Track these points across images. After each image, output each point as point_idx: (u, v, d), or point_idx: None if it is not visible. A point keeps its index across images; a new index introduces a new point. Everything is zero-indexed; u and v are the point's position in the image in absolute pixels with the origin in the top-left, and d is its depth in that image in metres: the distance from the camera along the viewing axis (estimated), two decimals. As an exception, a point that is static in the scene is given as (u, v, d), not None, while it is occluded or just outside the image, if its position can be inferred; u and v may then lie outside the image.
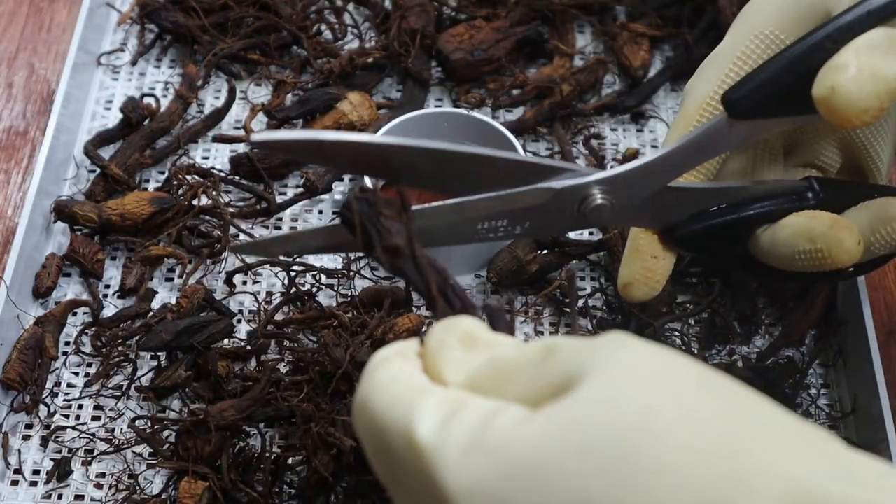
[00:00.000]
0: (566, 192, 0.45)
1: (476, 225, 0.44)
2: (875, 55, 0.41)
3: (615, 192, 0.45)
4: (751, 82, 0.44)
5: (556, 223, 0.46)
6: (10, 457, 0.56)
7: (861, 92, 0.40)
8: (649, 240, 0.49)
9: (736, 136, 0.46)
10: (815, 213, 0.47)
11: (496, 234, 0.45)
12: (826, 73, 0.41)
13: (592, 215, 0.45)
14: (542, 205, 0.45)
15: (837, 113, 0.40)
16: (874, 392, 0.56)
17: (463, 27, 0.72)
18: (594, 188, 0.45)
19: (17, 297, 0.60)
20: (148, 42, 0.74)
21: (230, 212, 0.64)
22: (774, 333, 0.61)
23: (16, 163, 0.69)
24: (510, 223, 0.45)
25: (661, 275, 0.50)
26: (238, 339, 0.59)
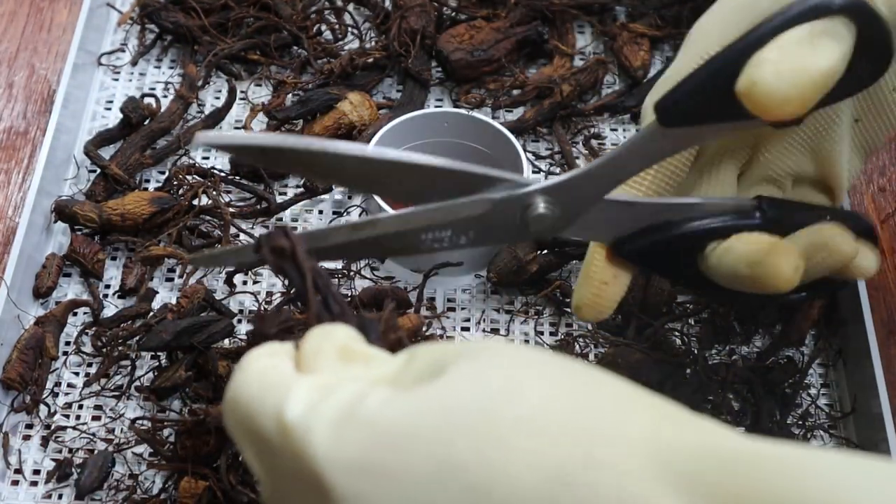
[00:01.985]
0: (506, 202, 0.45)
1: (420, 235, 0.45)
2: (796, 48, 0.41)
3: (557, 202, 0.46)
4: (679, 90, 0.45)
5: (500, 233, 0.46)
6: (11, 457, 0.56)
7: (780, 83, 0.40)
8: (601, 266, 0.50)
9: (669, 143, 0.46)
10: (756, 238, 0.47)
11: (441, 244, 0.46)
12: (748, 68, 0.41)
13: (534, 224, 0.46)
14: (483, 215, 0.45)
15: (759, 105, 0.40)
16: (874, 392, 0.56)
17: (463, 27, 0.72)
18: (535, 197, 0.45)
19: (18, 297, 0.60)
20: (148, 42, 0.74)
21: (230, 212, 0.64)
22: (774, 333, 0.61)
23: (16, 163, 0.69)
24: (454, 233, 0.45)
25: (610, 300, 0.50)
26: (238, 339, 0.59)
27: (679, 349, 0.60)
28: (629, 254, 0.49)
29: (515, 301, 0.62)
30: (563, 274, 0.63)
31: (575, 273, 0.63)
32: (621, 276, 0.50)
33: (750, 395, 0.58)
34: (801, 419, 0.58)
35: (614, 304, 0.50)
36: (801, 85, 0.40)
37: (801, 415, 0.58)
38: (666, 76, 0.49)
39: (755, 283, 0.46)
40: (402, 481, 0.30)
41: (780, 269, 0.45)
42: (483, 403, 0.31)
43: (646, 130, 0.46)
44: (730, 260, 0.47)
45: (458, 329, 0.61)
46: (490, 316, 0.62)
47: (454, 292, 0.63)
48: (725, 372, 0.58)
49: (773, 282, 0.46)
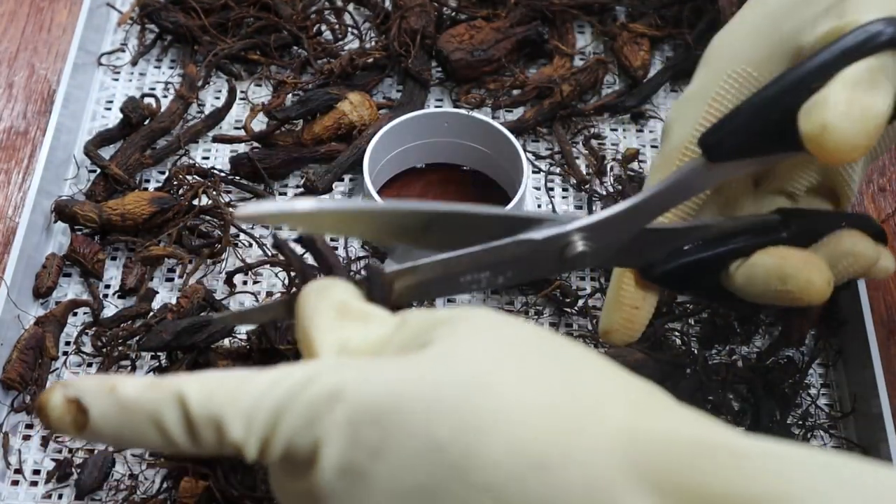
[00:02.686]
0: (547, 243, 0.45)
1: (459, 278, 0.45)
2: (861, 90, 0.40)
3: (595, 238, 0.46)
4: (728, 125, 0.44)
5: (539, 270, 0.46)
6: (11, 457, 0.56)
7: (853, 129, 0.39)
8: (631, 290, 0.50)
9: (715, 176, 0.46)
10: (785, 252, 0.47)
11: (479, 284, 0.45)
12: (814, 110, 0.40)
13: (574, 261, 0.46)
14: (523, 256, 0.45)
15: (828, 150, 0.40)
16: (874, 392, 0.56)
17: (463, 27, 0.72)
18: (575, 235, 0.45)
19: (18, 297, 0.60)
20: (148, 42, 0.74)
21: (230, 212, 0.64)
22: (774, 333, 0.61)
23: (16, 163, 0.69)
24: (493, 274, 0.45)
25: (640, 324, 0.50)
26: (238, 338, 0.59)
27: (679, 349, 0.60)
28: (658, 278, 0.49)
29: (515, 301, 0.62)
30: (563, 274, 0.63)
31: (575, 273, 0.63)
32: (650, 299, 0.50)
33: (750, 395, 0.58)
34: (801, 419, 0.58)
35: (643, 328, 0.50)
36: (868, 130, 0.40)
37: (801, 415, 0.58)
38: (691, 94, 0.48)
39: (787, 298, 0.46)
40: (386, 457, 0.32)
41: (813, 284, 0.45)
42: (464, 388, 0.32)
43: (691, 165, 0.46)
44: (759, 276, 0.47)
45: (458, 329, 0.61)
46: (490, 316, 0.62)
47: (454, 292, 0.63)
48: (725, 372, 0.58)
49: (807, 296, 0.46)
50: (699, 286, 0.50)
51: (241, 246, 0.64)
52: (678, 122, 0.48)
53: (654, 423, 0.32)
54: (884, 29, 0.41)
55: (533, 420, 0.32)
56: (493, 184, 0.67)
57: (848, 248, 0.47)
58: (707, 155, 0.45)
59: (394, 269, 0.42)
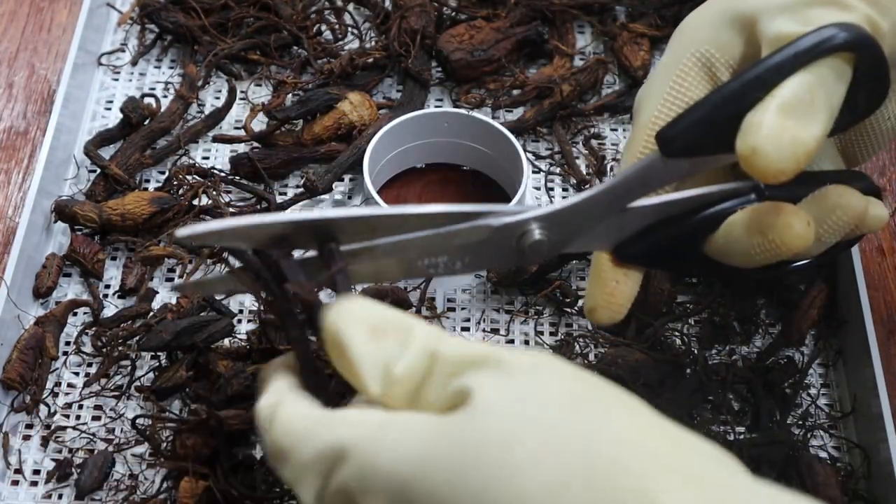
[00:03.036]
0: (504, 229, 0.45)
1: (416, 262, 0.45)
2: (794, 117, 0.42)
3: (553, 228, 0.46)
4: (683, 121, 0.45)
5: (495, 258, 0.47)
6: (11, 457, 0.56)
7: (780, 155, 0.41)
8: (610, 266, 0.50)
9: (673, 171, 0.46)
10: (758, 206, 0.47)
11: (436, 269, 0.46)
12: (748, 133, 0.42)
13: (531, 250, 0.46)
14: (479, 242, 0.45)
15: (757, 172, 0.42)
16: (874, 392, 0.56)
17: (463, 27, 0.72)
18: (532, 224, 0.46)
19: (18, 297, 0.60)
20: (148, 42, 0.74)
21: (230, 212, 0.64)
22: (774, 333, 0.61)
23: (16, 163, 0.69)
24: (450, 259, 0.46)
25: (623, 298, 0.50)
26: (238, 338, 0.59)
27: (679, 349, 0.60)
28: (633, 257, 0.49)
29: (515, 301, 0.62)
30: (563, 274, 0.63)
31: (575, 273, 0.63)
32: (632, 275, 0.50)
33: (750, 395, 0.58)
34: (801, 419, 0.58)
35: (629, 304, 0.50)
36: (797, 156, 0.42)
37: (801, 415, 0.58)
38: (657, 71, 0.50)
39: (770, 250, 0.46)
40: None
41: (794, 228, 0.45)
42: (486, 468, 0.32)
43: (647, 160, 0.46)
44: (739, 234, 0.47)
45: (459, 329, 0.61)
46: (490, 316, 0.62)
47: (454, 292, 0.63)
48: (725, 372, 0.58)
49: (789, 242, 0.45)
50: (677, 261, 0.50)
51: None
52: (645, 101, 0.50)
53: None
54: (837, 33, 0.42)
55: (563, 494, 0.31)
56: (493, 184, 0.67)
57: (834, 201, 0.47)
58: (662, 150, 0.45)
59: (350, 248, 0.43)
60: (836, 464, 0.57)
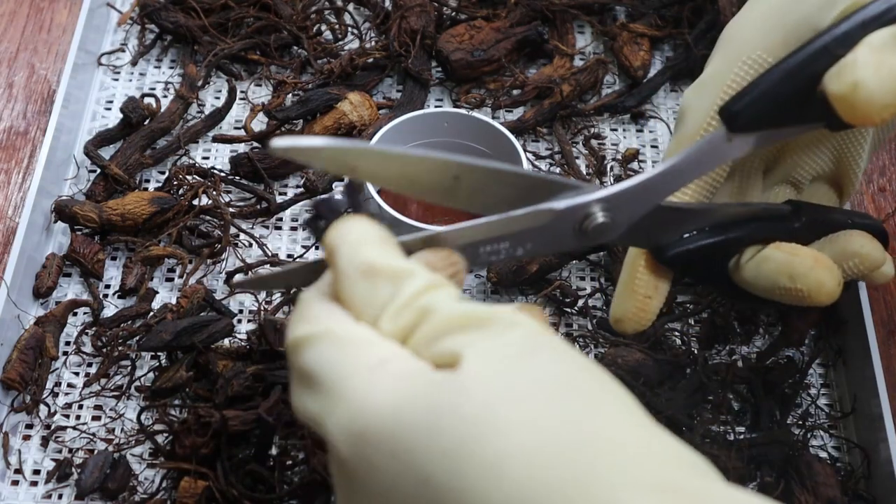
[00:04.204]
0: (567, 213, 0.44)
1: (478, 248, 0.44)
2: (888, 52, 0.41)
3: (616, 210, 0.45)
4: (749, 94, 0.44)
5: (559, 242, 0.45)
6: (11, 457, 0.56)
7: (884, 87, 0.40)
8: (645, 278, 0.49)
9: (736, 149, 0.45)
10: (797, 250, 0.47)
11: (498, 255, 0.44)
12: (844, 71, 0.41)
13: (595, 233, 0.45)
14: (543, 226, 0.44)
15: (859, 109, 0.40)
16: (874, 392, 0.56)
17: (463, 27, 0.72)
18: (595, 206, 0.45)
19: (18, 297, 0.60)
20: (148, 42, 0.74)
21: (230, 212, 0.64)
22: (774, 333, 0.61)
23: (16, 163, 0.69)
24: (512, 245, 0.44)
25: (652, 313, 0.50)
26: (238, 338, 0.59)
27: (679, 349, 0.60)
28: (668, 260, 0.48)
29: (516, 301, 0.62)
30: (563, 274, 0.63)
31: (575, 273, 0.63)
32: (662, 288, 0.50)
33: (750, 395, 0.58)
34: (801, 419, 0.58)
35: (654, 317, 0.50)
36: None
37: (801, 415, 0.58)
38: (707, 79, 0.48)
39: (795, 297, 0.46)
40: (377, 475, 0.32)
41: (825, 287, 0.45)
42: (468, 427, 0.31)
43: (711, 138, 0.45)
44: (769, 271, 0.47)
45: (458, 329, 0.61)
46: (490, 316, 0.62)
47: (454, 292, 0.63)
48: (725, 372, 0.58)
49: (816, 297, 0.46)
50: (707, 274, 0.50)
51: (241, 246, 0.64)
52: (693, 109, 0.48)
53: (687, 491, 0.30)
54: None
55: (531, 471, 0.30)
56: (493, 184, 0.67)
57: (856, 249, 0.47)
58: (728, 124, 0.44)
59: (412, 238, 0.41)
60: (836, 464, 0.57)
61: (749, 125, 0.44)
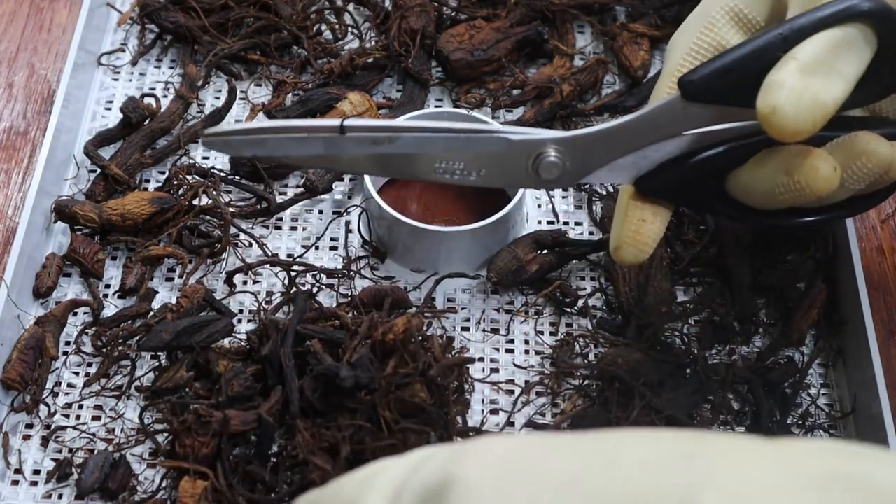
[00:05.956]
0: (521, 145, 0.47)
1: (433, 163, 0.47)
2: (816, 77, 0.43)
3: (569, 153, 0.48)
4: (706, 67, 0.46)
5: (511, 175, 0.48)
6: (11, 457, 0.56)
7: (798, 116, 0.42)
8: (637, 203, 0.50)
9: (690, 118, 0.47)
10: (787, 147, 0.47)
11: (451, 175, 0.48)
12: (769, 91, 0.43)
13: (545, 171, 0.48)
14: (497, 153, 0.47)
15: (774, 131, 0.43)
16: (874, 392, 0.56)
17: (463, 27, 0.72)
18: (548, 145, 0.48)
19: (18, 297, 0.60)
20: (148, 42, 0.74)
21: (230, 212, 0.64)
22: (774, 333, 0.61)
23: (16, 163, 0.69)
24: (466, 167, 0.48)
25: (649, 237, 0.50)
26: (238, 338, 0.59)
27: (679, 349, 0.59)
28: (655, 190, 0.49)
29: (515, 301, 0.62)
30: (563, 274, 0.63)
31: (575, 273, 0.63)
32: (660, 213, 0.50)
33: (750, 395, 0.58)
34: (801, 419, 0.58)
35: (654, 243, 0.50)
36: (815, 118, 0.42)
37: (801, 415, 0.58)
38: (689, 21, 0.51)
39: (794, 192, 0.46)
40: None
41: (820, 171, 0.45)
42: None
43: (666, 101, 0.47)
44: (764, 172, 0.47)
45: (458, 329, 0.61)
46: (490, 316, 0.62)
47: (454, 292, 0.63)
48: (725, 372, 0.58)
49: (814, 185, 0.45)
50: (698, 195, 0.50)
51: (241, 246, 0.64)
52: (672, 50, 0.51)
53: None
54: (861, 2, 0.44)
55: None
56: (493, 184, 0.67)
57: (861, 148, 0.47)
58: (682, 92, 0.46)
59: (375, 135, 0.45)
60: (836, 464, 0.57)
61: (702, 97, 0.46)
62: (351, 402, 0.53)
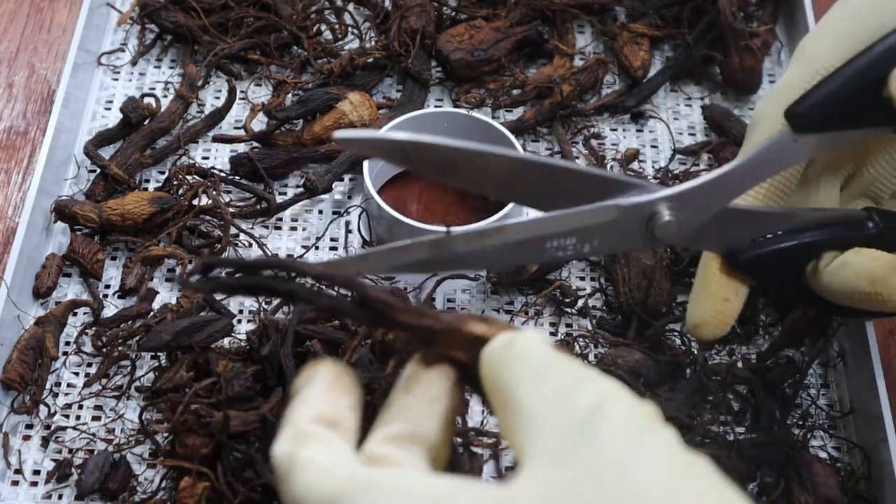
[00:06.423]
0: (633, 209, 0.44)
1: (545, 243, 0.44)
2: None
3: (682, 209, 0.45)
4: (814, 95, 0.45)
5: (624, 240, 0.45)
6: (11, 457, 0.56)
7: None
8: (721, 282, 0.49)
9: (801, 150, 0.46)
10: (877, 255, 0.46)
11: (565, 252, 0.45)
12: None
13: (660, 232, 0.45)
14: (609, 222, 0.44)
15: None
16: (874, 392, 0.56)
17: (463, 27, 0.72)
18: (661, 204, 0.45)
19: (18, 298, 0.60)
20: (148, 42, 0.74)
21: (230, 212, 0.64)
22: (774, 333, 0.61)
23: (16, 163, 0.69)
24: (578, 241, 0.44)
25: (731, 317, 0.49)
26: (238, 338, 0.59)
27: (679, 349, 0.59)
28: (743, 264, 0.48)
29: (515, 301, 0.62)
30: (563, 274, 0.63)
31: (575, 273, 0.63)
32: (740, 292, 0.49)
33: (750, 395, 0.58)
34: (801, 419, 0.58)
35: (733, 321, 0.50)
36: None
37: (801, 415, 0.58)
38: (778, 88, 0.48)
39: (874, 301, 0.46)
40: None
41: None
42: None
43: (777, 137, 0.45)
44: (848, 275, 0.46)
45: (458, 329, 0.61)
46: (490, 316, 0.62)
47: (454, 292, 0.63)
48: (725, 372, 0.58)
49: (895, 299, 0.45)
50: (782, 279, 0.49)
51: (241, 246, 0.64)
52: (763, 116, 0.48)
53: None
54: None
55: None
56: (493, 184, 0.67)
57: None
58: (793, 125, 0.45)
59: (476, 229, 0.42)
60: (836, 464, 0.57)
61: (813, 125, 0.45)
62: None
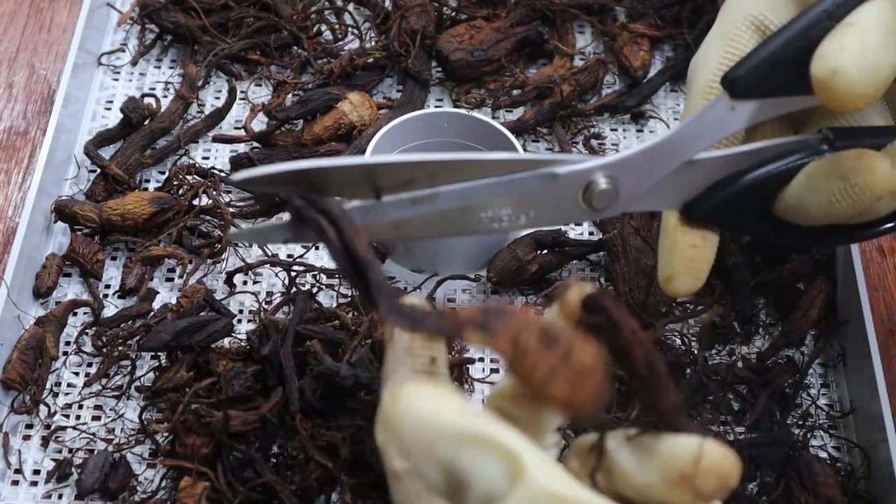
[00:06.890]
0: (569, 177, 0.44)
1: (479, 213, 0.43)
2: (876, 38, 0.40)
3: (619, 178, 0.44)
4: (750, 61, 0.44)
5: (562, 212, 0.45)
6: (11, 457, 0.56)
7: (863, 78, 0.39)
8: (687, 230, 0.47)
9: (740, 117, 0.45)
10: (839, 153, 0.45)
11: (500, 223, 0.44)
12: (828, 52, 0.39)
13: (598, 201, 0.44)
14: (544, 192, 0.43)
15: (836, 95, 0.39)
16: (874, 392, 0.56)
17: (463, 27, 0.72)
18: (597, 172, 0.44)
19: (18, 297, 0.60)
20: (148, 42, 0.74)
21: (230, 212, 0.64)
22: (774, 333, 0.61)
23: (16, 163, 0.69)
24: (514, 211, 0.44)
25: (704, 263, 0.48)
26: (238, 338, 0.59)
27: (679, 349, 0.60)
28: (701, 216, 0.47)
29: (515, 301, 0.62)
30: (563, 274, 0.63)
31: (575, 273, 0.63)
32: (709, 238, 0.48)
33: (750, 395, 0.58)
34: (801, 419, 0.58)
35: (708, 270, 0.48)
36: (878, 80, 0.39)
37: (801, 415, 0.58)
38: (709, 41, 0.48)
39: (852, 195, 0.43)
40: None
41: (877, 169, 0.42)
42: None
43: (712, 105, 0.44)
44: (818, 182, 0.44)
45: (458, 329, 0.61)
46: (490, 316, 0.62)
47: (454, 292, 0.63)
48: (725, 372, 0.58)
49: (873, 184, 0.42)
50: (746, 218, 0.48)
51: (241, 246, 0.64)
52: (697, 71, 0.48)
53: None
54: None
55: None
56: (493, 184, 0.67)
57: None
58: (729, 91, 0.44)
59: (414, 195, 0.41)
60: (836, 464, 0.57)
61: (750, 92, 0.44)
62: (351, 402, 0.53)
